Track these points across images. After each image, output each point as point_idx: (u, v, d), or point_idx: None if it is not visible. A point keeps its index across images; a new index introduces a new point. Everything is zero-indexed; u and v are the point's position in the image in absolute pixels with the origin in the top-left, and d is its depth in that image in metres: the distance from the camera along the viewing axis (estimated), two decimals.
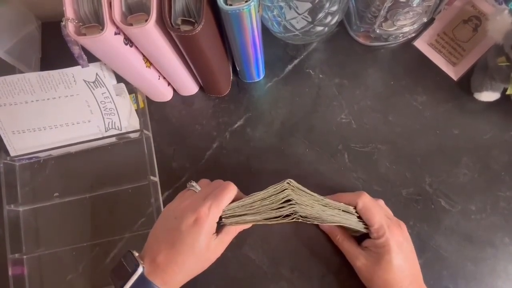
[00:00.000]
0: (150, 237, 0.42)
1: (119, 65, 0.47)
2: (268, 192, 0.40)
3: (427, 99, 0.55)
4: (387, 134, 0.54)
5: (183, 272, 0.39)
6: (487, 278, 0.49)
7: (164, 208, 0.44)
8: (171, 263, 0.38)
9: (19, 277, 0.53)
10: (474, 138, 0.54)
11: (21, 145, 0.56)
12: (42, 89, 0.53)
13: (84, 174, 0.57)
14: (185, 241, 0.38)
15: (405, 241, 0.42)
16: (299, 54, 0.59)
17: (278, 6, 0.50)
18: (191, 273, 0.40)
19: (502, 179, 0.52)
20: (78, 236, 0.55)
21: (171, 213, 0.41)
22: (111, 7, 0.38)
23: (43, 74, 0.52)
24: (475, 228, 0.50)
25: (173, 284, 0.39)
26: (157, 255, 0.39)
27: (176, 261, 0.38)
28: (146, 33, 0.40)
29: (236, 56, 0.51)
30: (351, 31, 0.58)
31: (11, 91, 0.52)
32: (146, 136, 0.56)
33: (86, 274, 0.53)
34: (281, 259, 0.51)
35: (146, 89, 0.55)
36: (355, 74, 0.58)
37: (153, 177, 0.54)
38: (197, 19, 0.39)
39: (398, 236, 0.41)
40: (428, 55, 0.57)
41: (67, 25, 0.39)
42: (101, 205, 0.56)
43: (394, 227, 0.41)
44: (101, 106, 0.55)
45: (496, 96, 0.53)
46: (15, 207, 0.55)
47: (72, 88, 0.53)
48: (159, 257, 0.38)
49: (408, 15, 0.51)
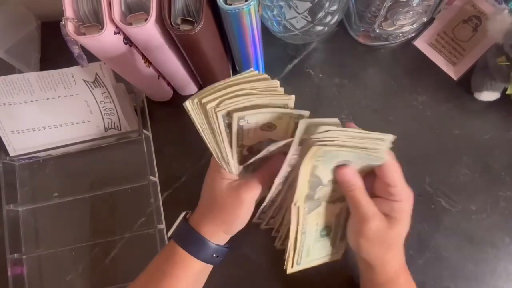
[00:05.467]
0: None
1: (119, 65, 0.47)
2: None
3: (427, 99, 0.55)
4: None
5: (214, 220, 0.40)
6: (487, 278, 0.49)
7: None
8: (202, 211, 0.41)
9: (19, 277, 0.53)
10: (474, 138, 0.54)
11: (21, 145, 0.56)
12: (41, 89, 0.52)
13: (83, 174, 0.57)
14: (204, 186, 0.42)
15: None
16: (299, 54, 0.59)
17: (278, 6, 0.50)
18: (219, 221, 0.40)
19: (502, 179, 0.52)
20: (77, 236, 0.55)
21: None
22: (110, 7, 0.38)
23: (42, 74, 0.52)
24: (475, 228, 0.50)
25: (208, 232, 0.40)
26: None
27: (203, 208, 0.41)
28: (146, 33, 0.40)
29: (236, 56, 0.51)
30: (351, 30, 0.58)
31: (10, 91, 0.52)
32: (146, 136, 0.55)
33: (86, 274, 0.53)
34: (282, 259, 0.51)
35: (146, 89, 0.55)
36: (355, 73, 0.57)
37: (152, 177, 0.54)
38: (197, 19, 0.39)
39: (411, 202, 0.38)
40: (428, 54, 0.57)
41: (66, 24, 0.38)
42: (101, 205, 0.56)
43: (409, 193, 0.38)
44: (101, 106, 0.55)
45: (496, 95, 0.53)
46: (14, 207, 0.55)
47: (72, 88, 0.53)
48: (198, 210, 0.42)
49: (408, 15, 0.51)
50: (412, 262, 0.50)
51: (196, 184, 0.46)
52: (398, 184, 0.37)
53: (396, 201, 0.37)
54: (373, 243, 0.37)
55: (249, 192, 0.38)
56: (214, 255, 0.40)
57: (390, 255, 0.38)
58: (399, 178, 0.37)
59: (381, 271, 0.39)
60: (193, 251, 0.39)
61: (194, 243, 0.40)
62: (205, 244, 0.39)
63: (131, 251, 0.54)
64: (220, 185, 0.39)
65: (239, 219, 0.39)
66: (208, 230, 0.40)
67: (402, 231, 0.38)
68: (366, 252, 0.38)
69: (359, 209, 0.37)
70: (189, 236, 0.40)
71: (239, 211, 0.39)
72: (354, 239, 0.39)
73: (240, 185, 0.39)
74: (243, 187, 0.38)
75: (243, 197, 0.38)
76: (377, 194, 0.38)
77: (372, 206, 0.37)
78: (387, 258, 0.38)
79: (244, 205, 0.38)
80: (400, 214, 0.37)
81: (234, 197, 0.38)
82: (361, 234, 0.37)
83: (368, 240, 0.37)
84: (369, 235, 0.37)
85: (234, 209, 0.39)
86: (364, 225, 0.37)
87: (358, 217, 0.37)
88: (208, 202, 0.41)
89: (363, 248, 0.38)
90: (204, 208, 0.41)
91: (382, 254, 0.38)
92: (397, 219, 0.37)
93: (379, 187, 0.38)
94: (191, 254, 0.39)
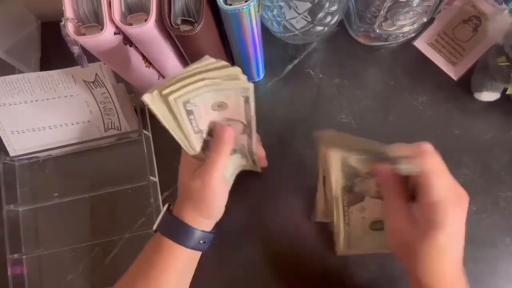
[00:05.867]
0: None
1: (119, 65, 0.47)
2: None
3: (427, 99, 0.55)
4: (387, 134, 0.54)
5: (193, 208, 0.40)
6: (487, 279, 0.49)
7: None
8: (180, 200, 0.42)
9: (19, 277, 0.53)
10: (474, 138, 0.53)
11: (21, 145, 0.56)
12: (41, 89, 0.52)
13: (83, 174, 0.57)
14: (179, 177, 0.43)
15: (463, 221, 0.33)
16: (299, 54, 0.59)
17: (278, 6, 0.50)
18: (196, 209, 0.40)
19: (502, 179, 0.52)
20: (77, 236, 0.55)
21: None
22: (110, 7, 0.38)
23: (42, 74, 0.52)
24: (475, 229, 0.50)
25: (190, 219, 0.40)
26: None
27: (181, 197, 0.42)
28: (146, 33, 0.40)
29: (236, 56, 0.51)
30: (351, 31, 0.58)
31: (10, 91, 0.52)
32: (146, 136, 0.55)
33: (86, 274, 0.53)
34: (282, 260, 0.51)
35: (146, 89, 0.55)
36: (355, 74, 0.57)
37: (152, 177, 0.54)
38: (197, 19, 0.39)
39: (457, 209, 0.32)
40: (428, 55, 0.57)
41: (66, 25, 0.38)
42: (101, 205, 0.56)
43: (454, 200, 0.32)
44: (101, 106, 0.55)
45: (496, 96, 0.53)
46: (14, 207, 0.55)
47: (72, 88, 0.53)
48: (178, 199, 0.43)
49: (408, 15, 0.51)
50: None
51: None
52: (432, 195, 0.32)
53: (428, 211, 0.32)
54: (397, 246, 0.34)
55: (209, 175, 0.39)
56: (201, 241, 0.41)
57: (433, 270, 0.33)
58: (435, 183, 0.31)
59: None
60: (180, 239, 0.40)
61: (180, 231, 0.40)
62: (191, 231, 0.40)
63: (131, 251, 0.53)
64: (188, 175, 0.41)
65: (212, 203, 0.41)
66: (191, 218, 0.40)
67: (438, 245, 0.32)
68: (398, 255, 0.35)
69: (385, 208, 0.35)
70: (174, 226, 0.41)
71: (209, 196, 0.40)
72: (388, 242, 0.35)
73: (201, 171, 0.39)
74: (203, 172, 0.39)
75: (206, 181, 0.39)
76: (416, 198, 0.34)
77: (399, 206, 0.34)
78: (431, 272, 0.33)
79: (210, 188, 0.39)
80: (430, 224, 0.32)
81: (200, 184, 0.39)
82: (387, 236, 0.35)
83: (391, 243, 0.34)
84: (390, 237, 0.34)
85: (204, 195, 0.40)
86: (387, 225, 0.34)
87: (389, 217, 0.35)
88: (184, 192, 0.42)
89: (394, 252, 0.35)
90: (182, 198, 0.42)
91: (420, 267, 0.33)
92: (427, 229, 0.32)
93: (418, 191, 0.33)
94: (177, 243, 0.40)
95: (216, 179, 0.39)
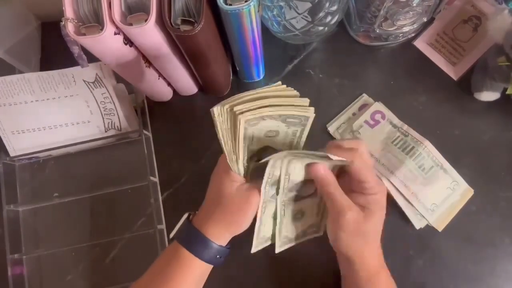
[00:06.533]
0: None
1: (119, 65, 0.47)
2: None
3: (427, 99, 0.55)
4: None
5: (220, 221, 0.41)
6: (487, 278, 0.49)
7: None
8: (207, 212, 0.41)
9: (19, 278, 0.53)
10: (474, 138, 0.54)
11: (21, 145, 0.56)
12: (41, 89, 0.52)
13: (84, 174, 0.57)
14: (211, 187, 0.43)
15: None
16: (299, 54, 0.59)
17: (278, 6, 0.50)
18: (226, 222, 0.41)
19: (502, 179, 0.52)
20: (77, 236, 0.55)
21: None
22: (110, 7, 0.38)
23: (42, 74, 0.52)
24: (475, 229, 0.50)
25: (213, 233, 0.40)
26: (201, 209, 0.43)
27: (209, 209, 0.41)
28: (146, 33, 0.40)
29: (236, 56, 0.51)
30: (351, 31, 0.58)
31: (10, 91, 0.52)
32: (146, 136, 0.56)
33: (86, 274, 0.53)
34: (282, 260, 0.51)
35: (146, 89, 0.55)
36: (355, 74, 0.57)
37: (152, 178, 0.54)
38: (197, 19, 0.39)
39: (385, 194, 0.41)
40: (428, 55, 0.57)
41: (66, 25, 0.38)
42: (101, 205, 0.56)
43: (383, 186, 0.41)
44: (101, 106, 0.55)
45: (496, 96, 0.53)
46: (14, 207, 0.55)
47: (72, 88, 0.53)
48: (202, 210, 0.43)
49: (408, 15, 0.51)
50: (412, 262, 0.50)
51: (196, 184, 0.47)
52: (370, 180, 0.39)
53: (370, 195, 0.39)
54: (351, 235, 0.39)
55: (257, 195, 0.40)
56: (217, 256, 0.41)
57: (368, 248, 0.40)
58: (370, 175, 0.39)
59: (361, 267, 0.39)
60: (198, 252, 0.40)
61: (199, 244, 0.40)
62: (210, 245, 0.40)
63: (131, 251, 0.54)
64: (230, 187, 0.41)
65: (246, 220, 0.41)
66: (213, 231, 0.40)
67: (377, 222, 0.40)
68: (345, 245, 0.39)
69: (335, 203, 0.39)
70: (194, 237, 0.40)
71: (248, 213, 0.40)
72: (333, 234, 0.40)
73: (250, 188, 0.40)
74: (252, 190, 0.40)
75: (251, 200, 0.40)
76: (353, 190, 0.40)
77: (347, 199, 0.39)
78: (365, 252, 0.39)
79: (253, 207, 0.40)
80: (375, 205, 0.39)
81: (245, 199, 0.40)
82: (339, 227, 0.39)
83: (346, 232, 0.39)
84: (347, 227, 0.38)
85: (243, 211, 0.40)
86: (341, 217, 0.38)
87: (335, 211, 0.39)
88: (215, 203, 0.41)
89: (342, 241, 0.39)
90: (210, 209, 0.41)
91: (361, 247, 0.39)
92: (372, 210, 0.39)
93: (354, 183, 0.40)
94: (196, 256, 0.40)
95: (259, 202, 0.40)
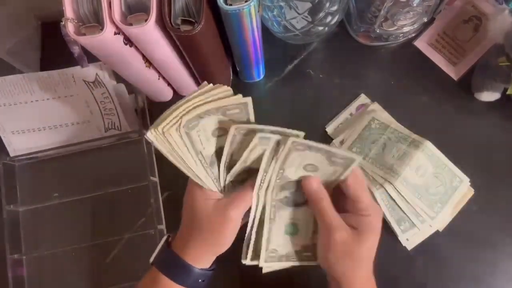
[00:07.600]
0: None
1: (119, 65, 0.47)
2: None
3: (428, 99, 0.55)
4: None
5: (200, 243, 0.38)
6: (487, 278, 0.49)
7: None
8: (185, 234, 0.39)
9: (19, 278, 0.53)
10: (474, 138, 0.53)
11: (21, 145, 0.56)
12: (41, 89, 0.52)
13: (84, 174, 0.57)
14: (185, 208, 0.40)
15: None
16: (299, 54, 0.59)
17: (278, 6, 0.50)
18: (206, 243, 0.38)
19: (502, 179, 0.52)
20: (78, 236, 0.55)
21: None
22: (110, 7, 0.38)
23: (42, 74, 0.52)
24: (475, 229, 0.50)
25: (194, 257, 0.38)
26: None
27: (187, 231, 0.39)
28: (146, 33, 0.40)
29: (236, 56, 0.51)
30: (351, 31, 0.58)
31: (11, 91, 0.52)
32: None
33: (86, 274, 0.53)
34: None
35: (146, 89, 0.55)
36: (356, 74, 0.57)
37: (153, 178, 0.54)
38: (197, 19, 0.39)
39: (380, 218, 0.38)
40: (429, 55, 0.57)
41: (66, 25, 0.38)
42: (101, 205, 0.56)
43: (378, 208, 0.39)
44: (101, 106, 0.55)
45: (497, 96, 0.53)
46: (14, 207, 0.55)
47: (72, 88, 0.53)
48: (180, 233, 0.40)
49: (408, 15, 0.51)
50: (412, 262, 0.50)
51: None
52: (364, 200, 0.37)
53: (364, 216, 0.37)
54: (339, 256, 0.36)
55: (236, 209, 0.37)
56: (200, 280, 0.39)
57: (359, 275, 0.36)
58: (364, 194, 0.37)
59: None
60: (179, 278, 0.38)
61: (179, 269, 0.38)
62: (191, 271, 0.38)
63: (131, 251, 0.54)
64: (205, 205, 0.38)
65: (227, 238, 0.38)
66: (194, 256, 0.38)
67: (370, 247, 0.37)
68: (332, 266, 0.37)
69: (324, 220, 0.37)
70: (174, 264, 0.38)
71: (228, 230, 0.38)
72: (321, 252, 0.38)
73: (227, 203, 0.37)
74: (229, 205, 0.37)
75: (230, 215, 0.37)
76: (347, 209, 0.38)
77: (338, 218, 0.37)
78: (356, 278, 0.36)
79: (232, 223, 0.37)
80: (367, 227, 0.36)
81: (222, 217, 0.37)
82: (328, 248, 0.36)
83: (333, 252, 0.36)
84: (334, 247, 0.36)
85: (223, 229, 0.37)
86: (330, 236, 0.36)
87: (325, 229, 0.37)
88: (192, 225, 0.39)
89: (329, 261, 0.36)
90: (188, 231, 0.39)
91: (350, 271, 0.36)
92: (364, 232, 0.36)
93: (349, 203, 0.38)
94: (176, 282, 0.38)
95: (240, 215, 0.38)
